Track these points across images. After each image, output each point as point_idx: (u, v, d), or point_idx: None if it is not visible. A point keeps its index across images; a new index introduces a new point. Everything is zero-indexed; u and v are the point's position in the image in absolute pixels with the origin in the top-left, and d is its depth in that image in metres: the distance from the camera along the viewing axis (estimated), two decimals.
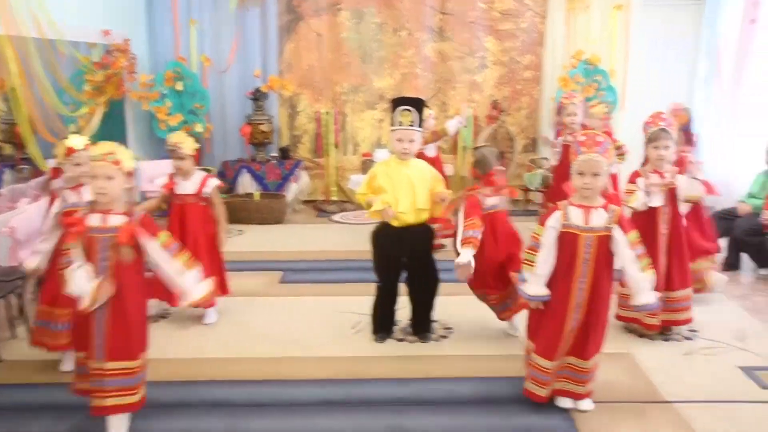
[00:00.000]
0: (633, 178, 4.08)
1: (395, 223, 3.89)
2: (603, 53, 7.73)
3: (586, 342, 3.16)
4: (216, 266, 4.31)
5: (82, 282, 2.77)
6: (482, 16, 8.04)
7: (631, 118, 7.75)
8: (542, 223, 3.15)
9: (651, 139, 4.04)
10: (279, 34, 7.97)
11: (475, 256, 3.64)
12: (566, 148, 5.06)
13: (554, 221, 3.10)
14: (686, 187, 4.06)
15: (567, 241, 3.08)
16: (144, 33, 7.83)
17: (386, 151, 7.96)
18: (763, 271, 5.64)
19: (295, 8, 7.97)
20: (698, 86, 8.38)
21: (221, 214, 4.40)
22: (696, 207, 4.28)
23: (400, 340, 4.15)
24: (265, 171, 7.68)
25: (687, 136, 5.53)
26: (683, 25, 8.35)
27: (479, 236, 3.68)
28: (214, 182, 4.41)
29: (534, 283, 3.14)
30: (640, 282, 3.11)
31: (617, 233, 3.04)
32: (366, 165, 7.91)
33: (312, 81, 8.11)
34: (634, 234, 3.08)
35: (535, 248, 3.14)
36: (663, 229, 4.07)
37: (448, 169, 7.52)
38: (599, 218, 3.05)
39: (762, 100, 6.95)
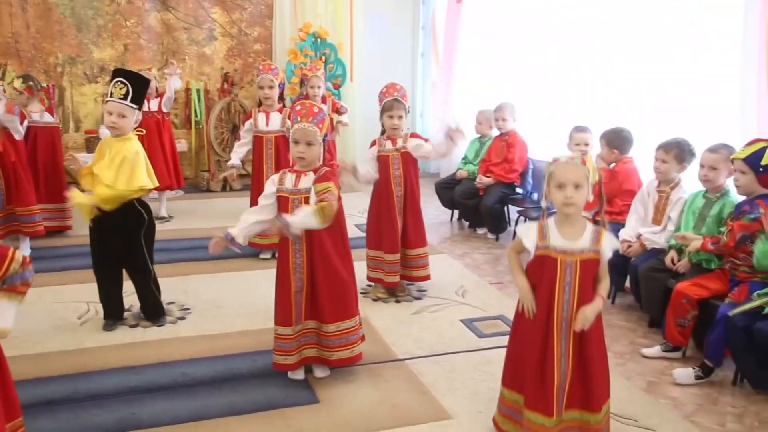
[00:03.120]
0: (371, 146, 4.35)
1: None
2: (330, 27, 7.90)
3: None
4: None
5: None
6: None
7: (359, 90, 8.09)
8: None
9: (385, 109, 4.24)
10: None
11: None
12: None
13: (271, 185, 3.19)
14: (414, 147, 4.32)
15: (281, 204, 3.16)
16: None
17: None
18: (480, 231, 6.22)
19: None
20: (419, 61, 8.98)
21: None
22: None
23: (133, 326, 3.90)
24: None
25: None
26: (403, 2, 8.86)
27: None
28: None
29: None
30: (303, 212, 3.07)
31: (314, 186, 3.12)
32: (91, 143, 7.28)
33: (18, 50, 7.21)
34: (321, 186, 3.08)
35: None
36: (397, 191, 4.31)
37: (182, 145, 7.21)
38: (307, 182, 3.13)
39: (472, 73, 7.62)
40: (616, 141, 4.66)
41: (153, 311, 3.95)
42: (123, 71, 3.72)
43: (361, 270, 4.14)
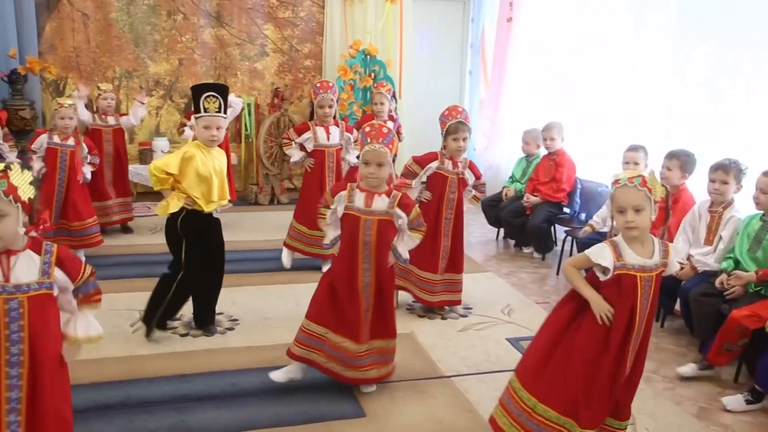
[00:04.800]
0: (429, 158, 4.31)
1: (207, 210, 3.75)
2: (379, 44, 7.98)
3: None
4: None
5: None
6: (260, 3, 7.91)
7: (407, 106, 8.15)
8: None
9: (450, 132, 4.24)
10: (37, 12, 7.22)
11: None
12: None
13: (339, 201, 3.23)
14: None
15: (350, 222, 3.20)
16: None
17: (165, 140, 7.59)
18: (526, 250, 6.18)
19: None
20: (466, 79, 9.01)
21: None
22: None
23: (184, 335, 3.98)
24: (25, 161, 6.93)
25: None
26: (452, 20, 8.91)
27: None
28: None
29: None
30: (407, 239, 3.29)
31: (400, 213, 3.20)
32: (144, 155, 7.48)
33: (78, 64, 7.46)
34: (414, 212, 3.24)
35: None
36: (447, 214, 4.32)
37: (232, 159, 7.35)
38: (381, 204, 3.19)
39: (520, 92, 7.62)
40: (689, 164, 4.49)
41: (209, 320, 4.04)
42: (209, 86, 3.77)
43: None
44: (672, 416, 3.23)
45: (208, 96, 3.64)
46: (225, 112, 3.74)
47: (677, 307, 4.22)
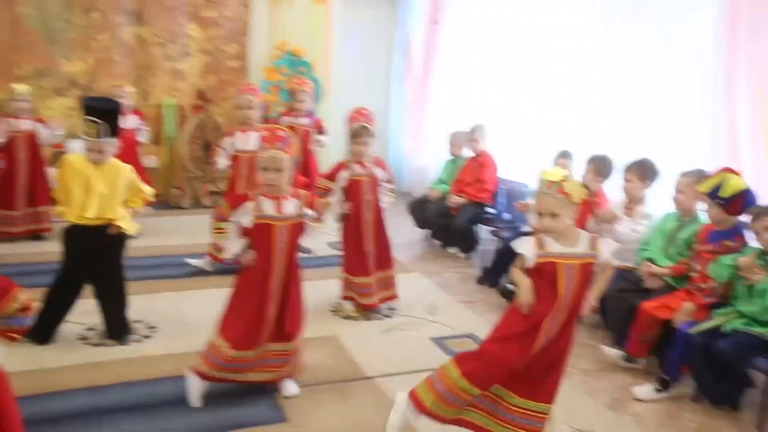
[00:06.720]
0: (337, 170, 4.31)
1: (83, 223, 3.62)
2: (306, 45, 7.91)
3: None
4: None
5: None
6: (183, 1, 7.71)
7: (334, 108, 8.10)
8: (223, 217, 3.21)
9: (353, 135, 4.24)
10: None
11: None
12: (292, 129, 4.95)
13: (246, 211, 3.13)
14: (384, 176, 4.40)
15: (263, 231, 3.10)
16: None
17: (81, 142, 7.29)
18: (451, 250, 6.23)
19: None
20: (394, 81, 9.04)
21: None
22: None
23: (97, 345, 3.82)
24: None
25: None
26: (380, 22, 8.93)
27: None
28: None
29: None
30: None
31: (309, 212, 3.19)
32: (58, 157, 7.17)
33: None
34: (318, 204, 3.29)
35: None
36: (368, 216, 4.31)
37: (151, 161, 7.15)
38: (291, 208, 3.14)
39: (446, 94, 7.69)
40: (605, 170, 4.62)
41: (121, 329, 3.89)
42: (91, 107, 3.59)
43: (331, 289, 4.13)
44: (586, 407, 3.31)
45: (88, 121, 3.52)
46: (114, 135, 3.60)
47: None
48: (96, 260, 3.75)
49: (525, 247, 2.69)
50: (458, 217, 5.97)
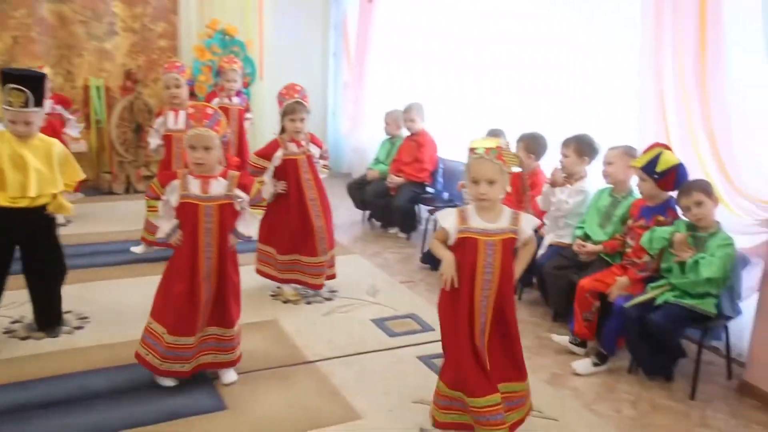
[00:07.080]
0: (272, 148, 4.19)
1: (5, 204, 3.39)
2: (239, 24, 7.72)
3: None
4: None
5: None
6: None
7: (270, 88, 7.94)
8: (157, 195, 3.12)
9: (287, 112, 4.14)
10: None
11: None
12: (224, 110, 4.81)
13: (173, 190, 3.06)
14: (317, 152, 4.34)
15: (188, 211, 3.05)
16: None
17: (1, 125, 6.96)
18: (391, 230, 6.22)
19: None
20: (330, 60, 8.93)
21: None
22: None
23: (24, 338, 3.66)
24: None
25: None
26: (315, 1, 8.77)
27: None
28: None
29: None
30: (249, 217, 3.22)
31: (240, 194, 3.11)
32: None
33: None
34: (254, 189, 3.19)
35: None
36: (311, 195, 4.24)
37: (81, 146, 6.87)
38: (219, 188, 3.07)
39: (383, 74, 7.63)
40: (536, 148, 4.65)
41: (53, 321, 3.73)
42: (14, 76, 3.35)
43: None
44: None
45: (12, 89, 3.29)
46: (39, 105, 3.39)
47: (534, 280, 4.40)
48: (29, 245, 3.56)
49: (448, 220, 2.67)
50: (397, 198, 5.95)
